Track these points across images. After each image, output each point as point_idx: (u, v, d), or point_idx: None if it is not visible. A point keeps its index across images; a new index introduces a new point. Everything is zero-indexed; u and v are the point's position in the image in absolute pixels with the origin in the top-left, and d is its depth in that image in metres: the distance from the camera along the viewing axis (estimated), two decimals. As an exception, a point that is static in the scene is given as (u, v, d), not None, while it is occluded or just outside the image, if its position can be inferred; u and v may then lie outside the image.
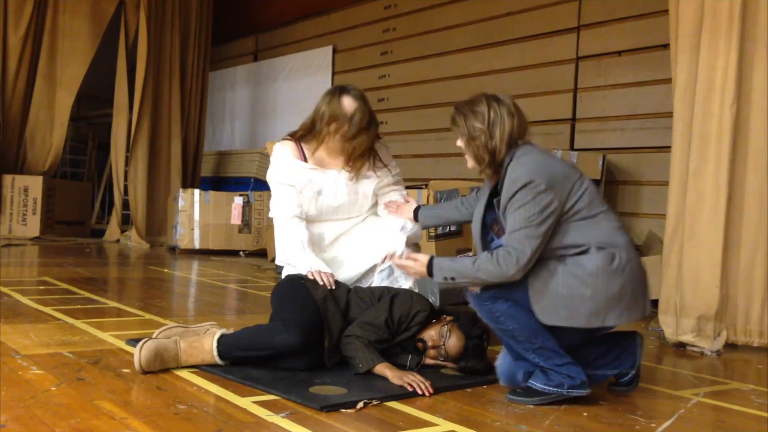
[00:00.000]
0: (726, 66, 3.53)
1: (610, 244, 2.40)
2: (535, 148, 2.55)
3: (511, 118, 2.51)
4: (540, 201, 2.38)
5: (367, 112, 3.04)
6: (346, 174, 3.13)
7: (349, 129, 2.99)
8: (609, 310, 2.36)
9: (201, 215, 7.71)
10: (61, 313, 3.64)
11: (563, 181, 2.43)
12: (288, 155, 3.12)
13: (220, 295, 5.00)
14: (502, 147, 2.49)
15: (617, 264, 2.37)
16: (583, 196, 2.44)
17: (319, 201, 3.14)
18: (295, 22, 9.91)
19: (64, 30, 8.67)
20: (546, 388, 2.41)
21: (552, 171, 2.44)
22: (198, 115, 9.58)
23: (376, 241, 3.21)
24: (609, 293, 2.35)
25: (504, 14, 6.96)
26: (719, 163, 3.54)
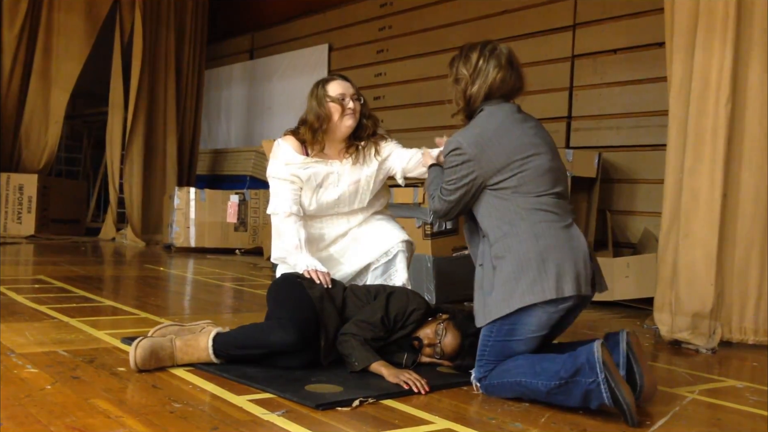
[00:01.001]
0: (721, 64, 3.53)
1: (510, 229, 2.43)
2: (499, 113, 2.54)
3: (497, 71, 2.53)
4: (460, 170, 2.50)
5: (357, 90, 3.13)
6: (348, 161, 3.13)
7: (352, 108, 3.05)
8: (510, 296, 2.38)
9: (197, 213, 7.70)
10: (57, 312, 3.63)
11: (495, 156, 2.46)
12: (289, 150, 3.11)
13: (216, 294, 5.00)
14: (478, 97, 2.54)
15: (507, 250, 2.41)
16: (514, 177, 2.46)
17: (319, 194, 3.13)
18: (291, 20, 9.90)
19: (59, 28, 8.66)
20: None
21: (487, 143, 2.48)
22: (194, 113, 9.57)
23: (371, 240, 3.21)
24: (502, 280, 2.40)
25: (500, 12, 6.96)
26: (714, 161, 3.54)
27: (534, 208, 2.45)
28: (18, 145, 8.71)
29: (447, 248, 4.79)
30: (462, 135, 2.53)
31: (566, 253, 2.40)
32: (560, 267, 2.38)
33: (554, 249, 2.40)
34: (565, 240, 2.43)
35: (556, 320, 2.43)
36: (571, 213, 2.54)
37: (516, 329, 2.43)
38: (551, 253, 2.39)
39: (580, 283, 2.40)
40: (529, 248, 2.40)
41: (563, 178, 2.58)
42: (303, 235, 3.08)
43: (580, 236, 2.49)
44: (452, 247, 4.83)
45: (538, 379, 2.31)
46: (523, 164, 2.47)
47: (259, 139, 9.38)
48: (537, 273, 2.37)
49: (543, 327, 2.42)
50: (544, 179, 2.49)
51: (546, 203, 2.47)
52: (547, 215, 2.45)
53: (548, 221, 2.44)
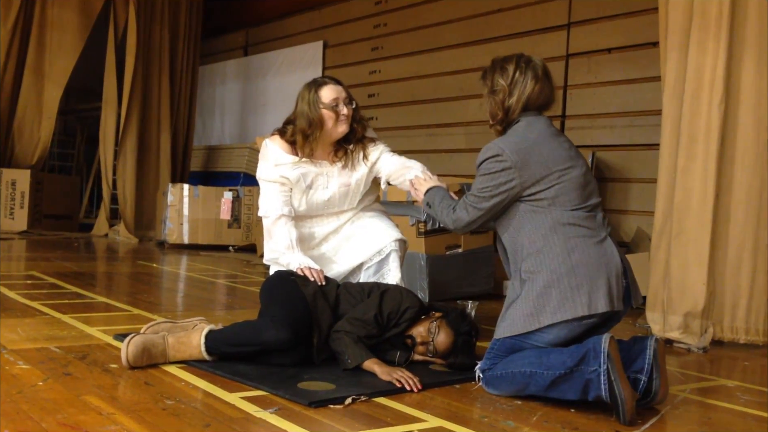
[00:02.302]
0: (715, 64, 3.55)
1: (544, 244, 2.42)
2: (537, 124, 2.55)
3: (534, 83, 2.55)
4: (499, 176, 2.47)
5: (349, 95, 3.11)
6: (338, 164, 3.13)
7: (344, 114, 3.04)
8: (540, 312, 2.38)
9: (190, 210, 7.68)
10: (49, 308, 3.62)
11: (536, 166, 2.46)
12: (278, 151, 3.11)
13: (209, 291, 4.99)
14: (517, 108, 2.55)
15: (540, 265, 2.41)
16: (552, 188, 2.46)
17: (309, 195, 3.13)
18: (285, 17, 9.88)
19: (52, 23, 8.61)
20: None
21: (529, 152, 2.47)
22: (188, 110, 9.54)
23: (364, 239, 3.21)
24: (534, 295, 2.40)
25: (495, 11, 6.96)
26: (707, 161, 3.55)
27: (568, 223, 2.45)
28: (11, 140, 8.67)
29: (440, 246, 4.79)
30: (503, 142, 2.51)
31: (599, 269, 2.40)
32: (593, 283, 2.38)
33: (587, 265, 2.39)
34: (598, 256, 2.42)
35: (577, 334, 2.42)
36: (604, 227, 2.52)
37: (535, 338, 2.43)
38: (584, 269, 2.38)
39: (612, 299, 2.40)
40: (561, 264, 2.40)
41: (596, 191, 2.59)
42: (294, 235, 3.08)
43: (614, 251, 2.46)
44: (445, 245, 4.83)
45: (544, 369, 2.32)
46: (561, 176, 2.47)
47: (253, 136, 9.36)
48: (569, 289, 2.37)
49: (561, 340, 2.42)
50: (579, 192, 2.50)
51: (580, 218, 2.47)
52: (580, 230, 2.45)
53: (581, 236, 2.44)
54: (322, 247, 3.24)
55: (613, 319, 2.50)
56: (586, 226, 2.46)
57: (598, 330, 2.45)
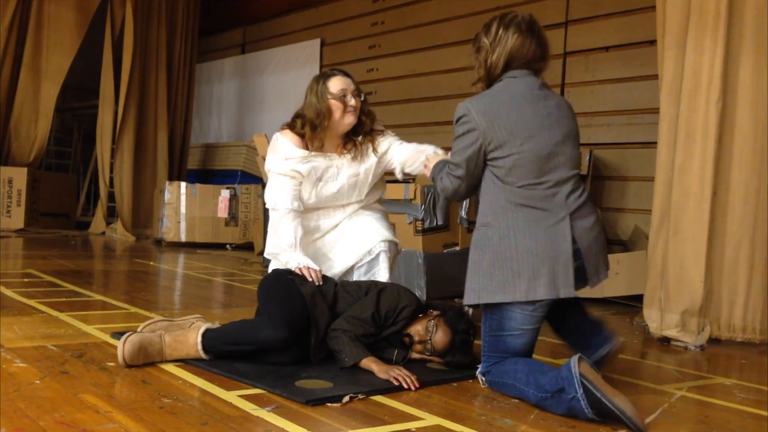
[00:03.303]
0: (712, 63, 3.55)
1: (494, 221, 2.42)
2: (516, 85, 2.49)
3: (516, 38, 2.49)
4: (465, 139, 2.47)
5: (357, 86, 3.11)
6: (347, 156, 3.12)
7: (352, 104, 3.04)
8: (482, 289, 2.41)
9: (187, 208, 7.67)
10: (46, 306, 3.62)
11: (500, 129, 2.42)
12: (289, 144, 3.09)
13: (207, 289, 4.98)
14: (498, 65, 2.51)
15: (488, 241, 2.42)
16: (510, 157, 2.41)
17: (319, 187, 3.12)
18: (283, 15, 9.87)
19: (49, 20, 8.60)
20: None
21: (495, 114, 2.43)
22: (185, 107, 9.53)
23: (355, 239, 3.22)
24: (479, 270, 2.43)
25: (492, 8, 6.95)
26: (704, 159, 3.56)
27: (519, 203, 2.40)
28: (7, 138, 8.65)
29: (438, 244, 4.79)
30: (471, 102, 2.49)
31: (543, 257, 2.36)
32: (536, 271, 2.35)
33: (530, 252, 2.36)
34: (545, 242, 2.37)
35: (540, 317, 2.43)
36: (565, 206, 2.42)
37: (503, 324, 2.44)
38: (527, 256, 2.36)
39: (557, 287, 2.37)
40: (506, 247, 2.38)
41: (570, 161, 2.48)
42: (300, 234, 3.07)
43: (566, 236, 2.38)
44: (443, 243, 4.83)
45: (529, 389, 2.31)
46: (522, 143, 2.40)
47: (250, 134, 9.34)
48: (510, 273, 2.37)
49: (527, 323, 2.42)
50: (539, 165, 2.41)
51: (534, 198, 2.40)
52: (531, 212, 2.39)
53: (531, 220, 2.39)
54: (318, 242, 3.24)
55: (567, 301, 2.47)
56: (539, 207, 2.40)
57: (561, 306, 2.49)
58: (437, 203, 4.75)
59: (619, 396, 2.15)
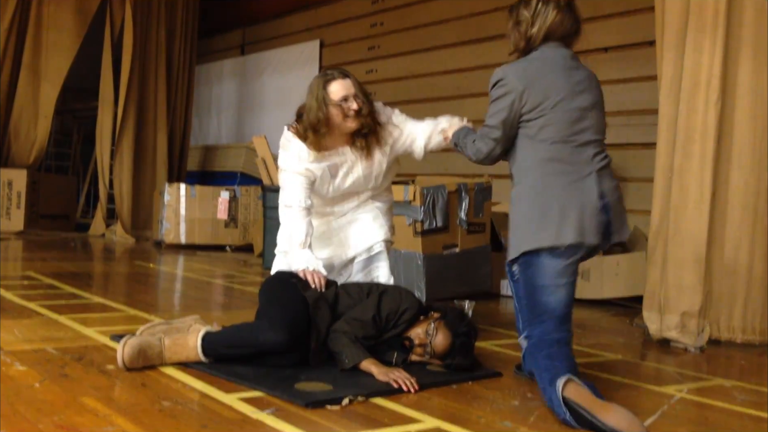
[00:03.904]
0: (711, 63, 3.54)
1: (524, 177, 2.54)
2: (551, 53, 2.59)
3: (555, 13, 2.60)
4: (501, 102, 2.54)
5: (358, 87, 3.07)
6: (359, 149, 3.11)
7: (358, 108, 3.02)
8: (519, 241, 2.50)
9: (187, 210, 7.67)
10: (45, 309, 3.62)
11: (536, 92, 2.51)
12: (300, 144, 3.07)
13: (206, 291, 4.98)
14: (538, 37, 2.60)
15: (519, 197, 2.54)
16: (542, 118, 2.50)
17: (335, 183, 3.14)
18: (282, 16, 9.87)
19: (48, 22, 8.60)
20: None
21: (532, 77, 2.53)
22: (184, 109, 9.53)
23: (357, 233, 3.26)
24: (516, 226, 2.54)
25: (491, 10, 6.96)
26: (704, 160, 3.56)
27: (548, 158, 2.50)
28: (7, 140, 8.65)
29: (437, 245, 4.79)
30: (510, 66, 2.59)
31: (570, 205, 2.45)
32: (562, 215, 2.44)
33: (558, 199, 2.46)
34: (572, 191, 2.47)
35: (572, 272, 2.49)
36: (593, 162, 2.52)
37: (535, 280, 2.48)
38: (554, 204, 2.46)
39: (583, 233, 2.45)
40: (534, 198, 2.50)
41: (596, 129, 2.58)
42: (311, 233, 3.07)
43: (593, 188, 2.48)
44: (442, 245, 4.83)
45: (545, 394, 2.31)
46: (555, 105, 2.51)
47: (249, 136, 9.33)
48: (540, 220, 2.46)
49: (559, 277, 2.46)
50: (570, 125, 2.52)
51: (562, 152, 2.50)
52: (559, 166, 2.49)
53: (558, 173, 2.49)
54: (324, 225, 3.27)
55: (594, 253, 2.58)
56: (567, 161, 2.50)
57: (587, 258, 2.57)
58: (437, 205, 4.75)
59: (611, 411, 2.13)
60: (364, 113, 3.04)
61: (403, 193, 4.71)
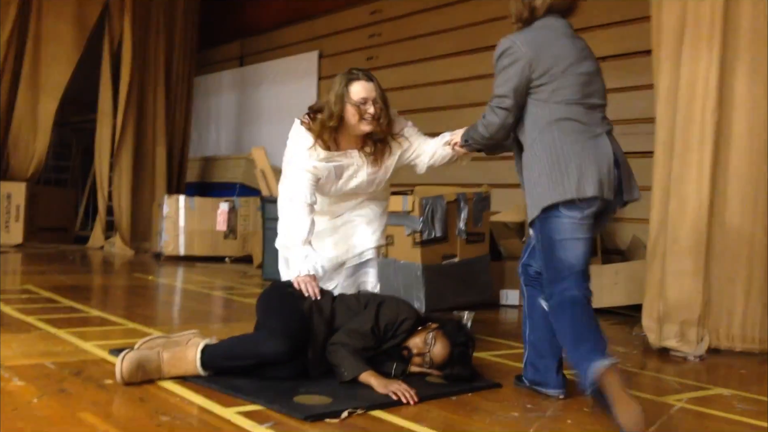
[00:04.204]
0: (707, 73, 3.55)
1: (539, 136, 2.56)
2: (554, 23, 2.64)
3: None
4: (510, 69, 2.58)
5: (380, 93, 3.08)
6: (368, 154, 3.12)
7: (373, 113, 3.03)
8: (537, 200, 2.54)
9: (186, 221, 7.67)
10: (44, 323, 3.61)
11: (545, 57, 2.55)
12: (310, 140, 3.06)
13: (205, 303, 4.98)
14: (542, 8, 2.65)
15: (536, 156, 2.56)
16: (554, 82, 2.55)
17: (339, 185, 3.15)
18: (280, 27, 9.90)
19: (47, 35, 8.62)
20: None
21: (541, 44, 2.57)
22: (183, 120, 9.54)
23: (352, 239, 3.29)
24: (531, 185, 2.57)
25: (488, 20, 6.98)
26: (701, 169, 3.56)
27: (563, 117, 2.55)
28: (6, 153, 8.66)
29: (437, 256, 4.79)
30: (517, 35, 2.63)
31: (588, 159, 2.51)
32: (581, 170, 2.49)
33: (577, 155, 2.50)
34: (589, 147, 2.53)
35: (588, 226, 2.54)
36: (603, 124, 2.61)
37: (553, 235, 2.53)
38: (574, 159, 2.50)
39: (602, 187, 2.51)
40: (551, 154, 2.52)
41: (601, 95, 2.66)
42: (312, 230, 3.06)
43: (607, 145, 2.56)
44: (441, 255, 4.83)
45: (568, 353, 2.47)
46: (565, 70, 2.56)
47: (248, 147, 9.34)
48: (559, 174, 2.50)
49: (577, 232, 2.52)
50: (581, 87, 2.58)
51: (576, 113, 2.55)
52: (574, 125, 2.54)
53: (574, 131, 2.54)
54: (320, 223, 3.26)
55: (611, 209, 2.66)
56: (581, 121, 2.56)
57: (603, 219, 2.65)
58: (435, 215, 4.75)
59: (628, 407, 2.18)
60: (380, 120, 3.04)
61: (401, 204, 4.71)
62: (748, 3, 3.52)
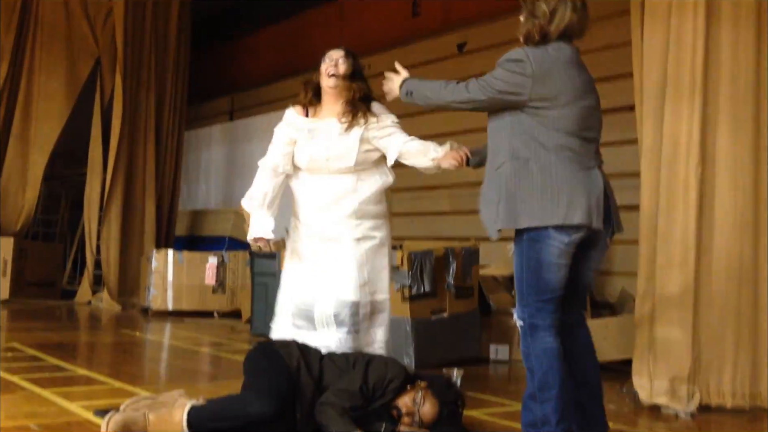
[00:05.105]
0: (690, 129, 3.61)
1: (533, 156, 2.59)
2: (566, 51, 2.67)
3: (573, 13, 2.68)
4: (514, 78, 2.60)
5: (345, 55, 3.36)
6: (343, 123, 3.29)
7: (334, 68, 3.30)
8: (519, 214, 2.57)
9: (174, 276, 7.63)
10: (29, 383, 3.56)
11: (551, 84, 2.59)
12: (291, 112, 3.42)
13: (193, 360, 4.92)
14: (554, 35, 2.68)
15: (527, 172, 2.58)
16: (557, 110, 2.59)
17: (311, 146, 3.31)
18: (270, 83, 10.02)
19: (39, 91, 8.69)
20: None
21: (550, 69, 2.60)
22: (173, 175, 9.56)
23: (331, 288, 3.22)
24: (514, 198, 2.58)
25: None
26: (687, 224, 3.59)
27: (561, 145, 2.60)
28: (-6, 207, 8.64)
29: (426, 311, 4.77)
30: (532, 50, 2.64)
31: (581, 189, 2.58)
32: (571, 199, 2.55)
33: (569, 184, 2.57)
34: (581, 178, 2.60)
35: (572, 253, 2.59)
36: (596, 158, 2.69)
37: (540, 258, 2.57)
38: (565, 187, 2.56)
39: (591, 216, 2.57)
40: (546, 178, 2.57)
41: (598, 128, 2.75)
42: (272, 192, 3.35)
43: (599, 178, 2.65)
44: (431, 310, 4.82)
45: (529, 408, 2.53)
46: (569, 101, 2.62)
47: (238, 200, 9.27)
48: (550, 200, 2.55)
49: (561, 257, 2.57)
50: (581, 120, 2.64)
51: (573, 143, 2.61)
52: (571, 155, 2.60)
53: (571, 161, 2.60)
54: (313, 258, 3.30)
55: (597, 239, 2.68)
56: (577, 152, 2.62)
57: (593, 249, 2.69)
58: (424, 270, 4.76)
59: None
60: (339, 76, 3.29)
61: (391, 259, 4.71)
62: (728, 59, 3.60)
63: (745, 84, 3.56)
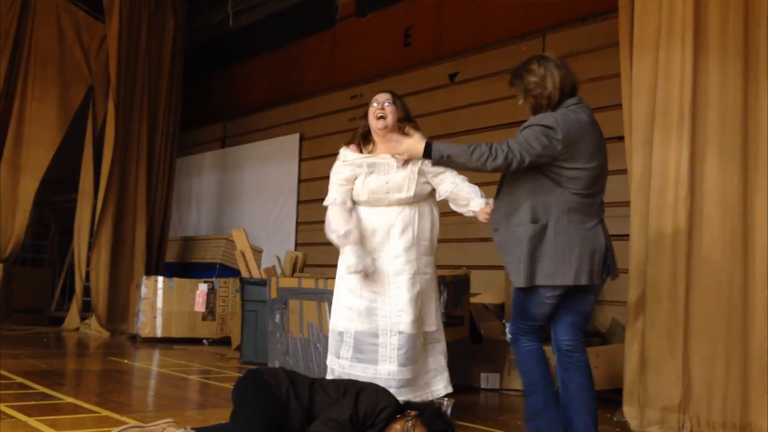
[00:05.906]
0: (678, 160, 3.65)
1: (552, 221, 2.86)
2: (584, 113, 2.90)
3: (558, 69, 2.93)
4: (545, 140, 2.80)
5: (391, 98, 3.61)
6: (398, 158, 3.46)
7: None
8: (535, 273, 2.85)
9: (164, 303, 7.59)
10: (15, 411, 3.52)
11: (574, 149, 2.82)
12: (346, 152, 3.62)
13: (182, 388, 4.88)
14: (555, 94, 2.91)
15: (545, 237, 2.85)
16: (573, 171, 2.84)
17: (371, 178, 3.51)
18: (262, 110, 10.08)
19: (31, 117, 8.70)
20: None
21: (576, 136, 2.83)
22: (164, 201, 9.54)
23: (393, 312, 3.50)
24: (532, 258, 2.85)
25: (466, 105, 7.15)
26: (676, 254, 3.61)
27: (571, 207, 2.87)
28: (-16, 233, 8.59)
29: (416, 339, 4.75)
30: (562, 117, 2.85)
31: (587, 251, 2.86)
32: (580, 261, 2.84)
33: (578, 246, 2.85)
34: (589, 239, 2.88)
35: (560, 295, 2.90)
36: (598, 213, 2.96)
37: (530, 300, 2.92)
38: (576, 249, 2.84)
39: (592, 276, 2.88)
40: (560, 243, 2.84)
41: (604, 181, 3.02)
42: (351, 223, 3.49)
43: (601, 236, 2.92)
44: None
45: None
46: (586, 163, 2.86)
47: (229, 227, 9.36)
48: (562, 263, 2.84)
49: (550, 299, 2.90)
50: (591, 181, 2.90)
51: (581, 204, 2.88)
52: (578, 216, 2.88)
53: (577, 222, 2.87)
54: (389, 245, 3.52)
55: (592, 290, 2.98)
56: (584, 212, 2.89)
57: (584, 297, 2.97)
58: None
59: None
60: (387, 119, 3.53)
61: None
62: (716, 90, 3.64)
63: (733, 114, 3.60)
